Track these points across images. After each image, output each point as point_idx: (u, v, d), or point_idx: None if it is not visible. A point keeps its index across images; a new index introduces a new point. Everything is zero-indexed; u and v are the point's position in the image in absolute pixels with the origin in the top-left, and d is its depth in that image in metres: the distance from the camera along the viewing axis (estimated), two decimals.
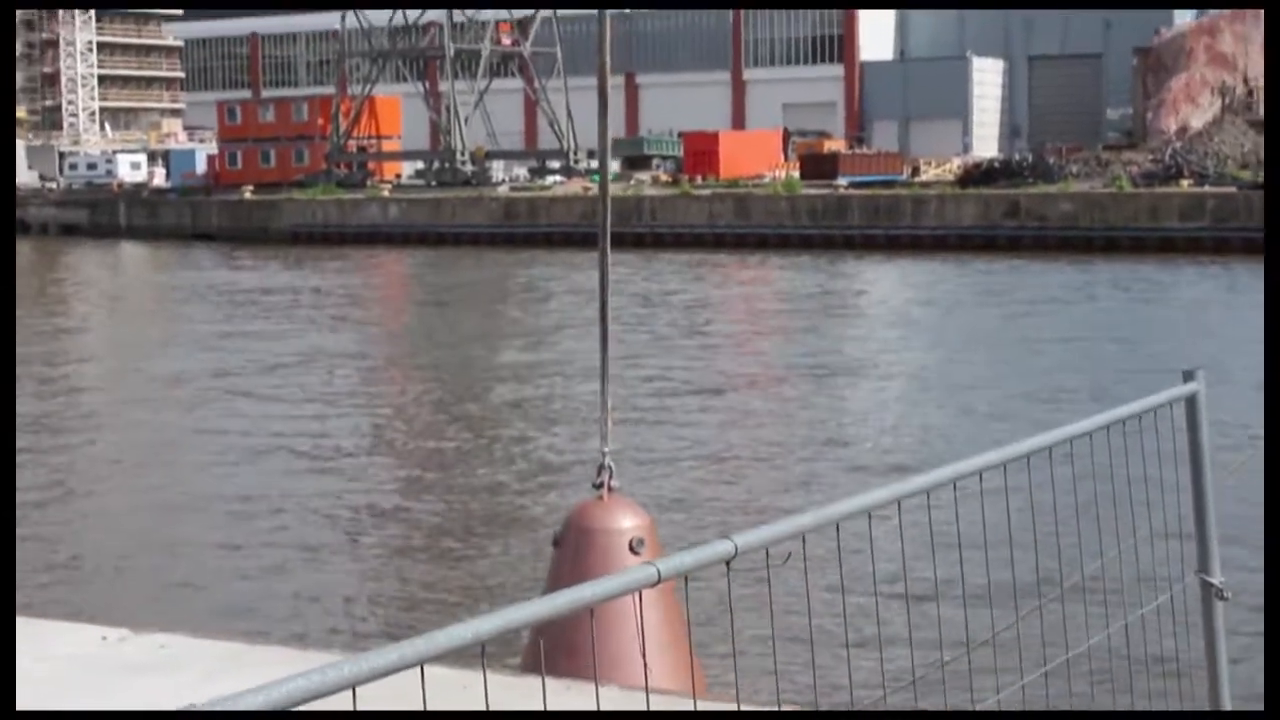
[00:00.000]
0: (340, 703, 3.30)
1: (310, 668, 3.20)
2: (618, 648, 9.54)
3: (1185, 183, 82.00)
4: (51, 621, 11.24)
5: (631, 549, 9.89)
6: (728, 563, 4.19)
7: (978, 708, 5.94)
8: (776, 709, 7.12)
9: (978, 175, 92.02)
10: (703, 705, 8.23)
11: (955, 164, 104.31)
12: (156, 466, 28.91)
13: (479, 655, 3.69)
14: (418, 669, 3.39)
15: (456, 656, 8.61)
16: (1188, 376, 6.73)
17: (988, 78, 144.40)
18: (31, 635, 10.46)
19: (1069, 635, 6.32)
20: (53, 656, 9.93)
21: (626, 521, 10.16)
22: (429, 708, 3.61)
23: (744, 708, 7.26)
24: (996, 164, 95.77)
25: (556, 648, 9.57)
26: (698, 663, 10.46)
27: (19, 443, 30.91)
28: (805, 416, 32.96)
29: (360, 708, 3.29)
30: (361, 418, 34.62)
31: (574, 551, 10.17)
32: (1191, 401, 6.73)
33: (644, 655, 8.75)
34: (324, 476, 27.49)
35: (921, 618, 14.01)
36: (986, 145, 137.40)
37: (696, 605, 9.23)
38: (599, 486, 10.45)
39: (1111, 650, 6.49)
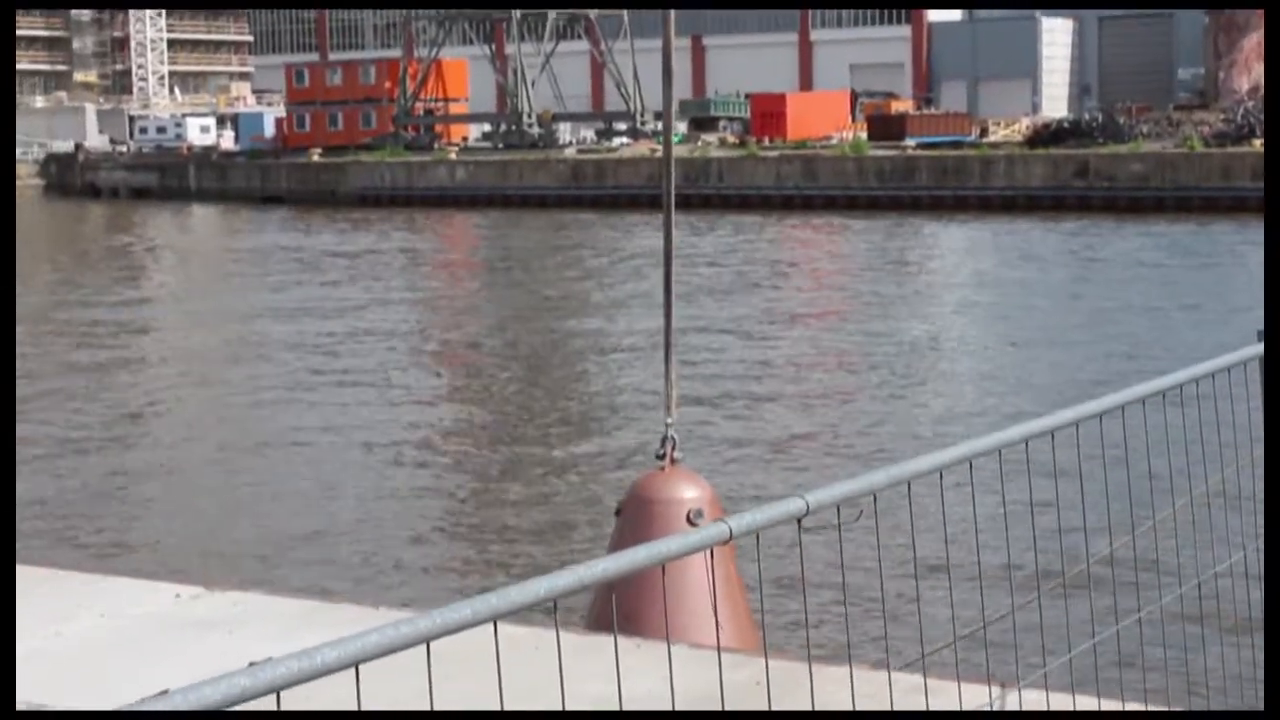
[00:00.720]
0: (415, 658, 3.31)
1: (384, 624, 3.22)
2: (682, 610, 9.57)
3: (1257, 142, 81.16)
4: (125, 579, 11.34)
5: (689, 520, 9.91)
6: (799, 520, 4.18)
7: (1047, 666, 5.91)
8: (849, 670, 7.11)
9: (1046, 135, 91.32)
10: (774, 665, 8.22)
11: (1024, 124, 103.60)
12: (234, 434, 29.11)
13: (549, 613, 3.71)
14: (490, 625, 3.40)
15: (526, 616, 8.62)
16: (1262, 336, 6.66)
17: (1057, 37, 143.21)
18: (105, 593, 10.57)
19: (1141, 596, 6.28)
20: (125, 614, 10.02)
21: (687, 492, 10.18)
22: (501, 665, 3.62)
23: (815, 667, 7.25)
24: (1066, 124, 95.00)
25: (620, 612, 9.62)
26: (753, 623, 10.47)
27: (97, 414, 31.21)
28: (876, 379, 32.86)
29: (434, 665, 3.30)
30: (430, 387, 34.76)
31: (634, 521, 10.22)
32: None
33: (715, 612, 8.77)
34: (391, 448, 27.62)
35: (991, 578, 13.96)
36: (1056, 105, 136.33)
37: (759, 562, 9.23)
38: (661, 457, 10.49)
39: (1184, 611, 6.45)
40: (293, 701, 3.04)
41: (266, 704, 2.97)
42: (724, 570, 10.06)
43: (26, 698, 8.60)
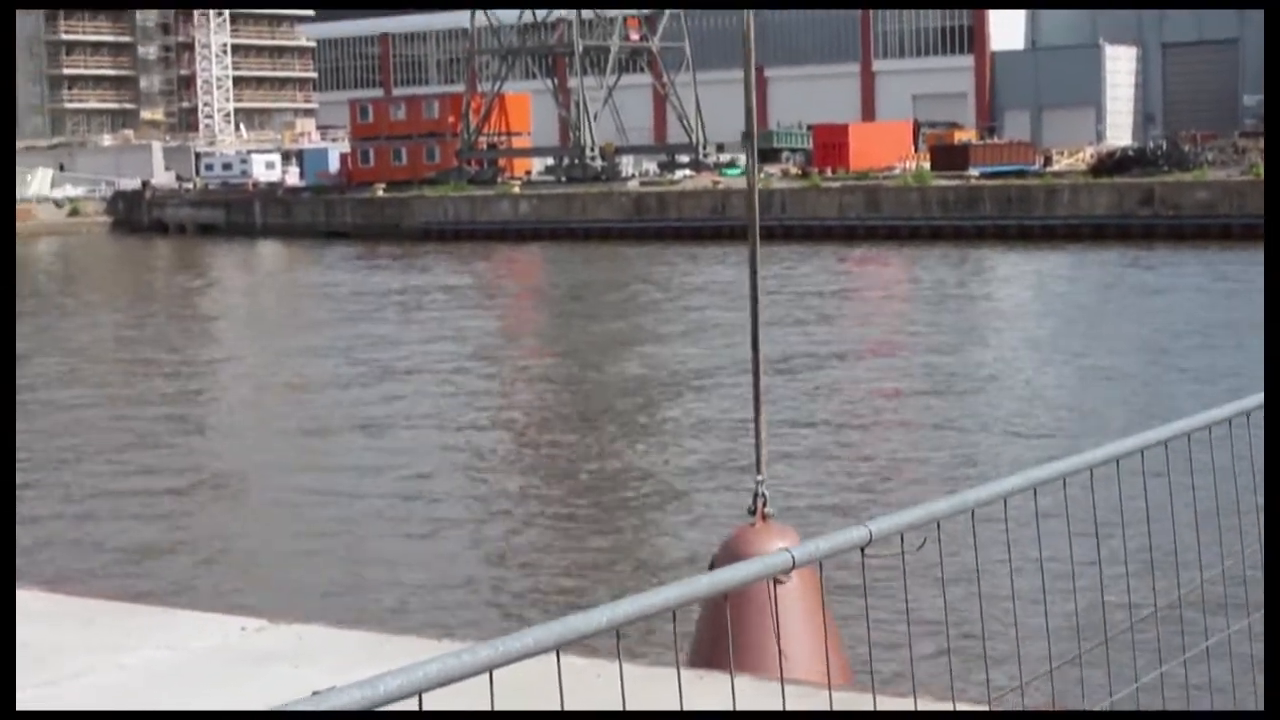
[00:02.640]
0: (477, 686, 3.31)
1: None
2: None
3: None
4: (189, 612, 11.38)
5: (774, 578, 9.92)
6: (863, 549, 4.16)
7: (1114, 700, 5.86)
8: (913, 707, 7.07)
9: (1111, 164, 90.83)
10: (838, 697, 8.18)
11: (1088, 153, 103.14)
12: (295, 468, 29.23)
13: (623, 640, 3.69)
14: (553, 655, 3.39)
15: (590, 648, 8.59)
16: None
17: (1121, 65, 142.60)
18: (169, 626, 10.60)
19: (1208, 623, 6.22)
20: (188, 647, 10.05)
21: (772, 546, 10.17)
22: (564, 694, 3.61)
23: (880, 704, 7.21)
24: (1130, 152, 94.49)
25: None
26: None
27: (165, 441, 31.40)
28: (941, 408, 32.72)
29: (497, 694, 3.30)
30: (503, 431, 34.80)
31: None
32: None
33: (779, 644, 8.74)
34: (465, 487, 27.66)
35: (1055, 608, 13.87)
36: (1120, 133, 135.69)
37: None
38: (753, 513, 10.59)
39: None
40: None
41: None
42: (813, 603, 10.06)
43: None
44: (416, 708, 3.15)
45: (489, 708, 3.27)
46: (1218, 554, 6.57)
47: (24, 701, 8.89)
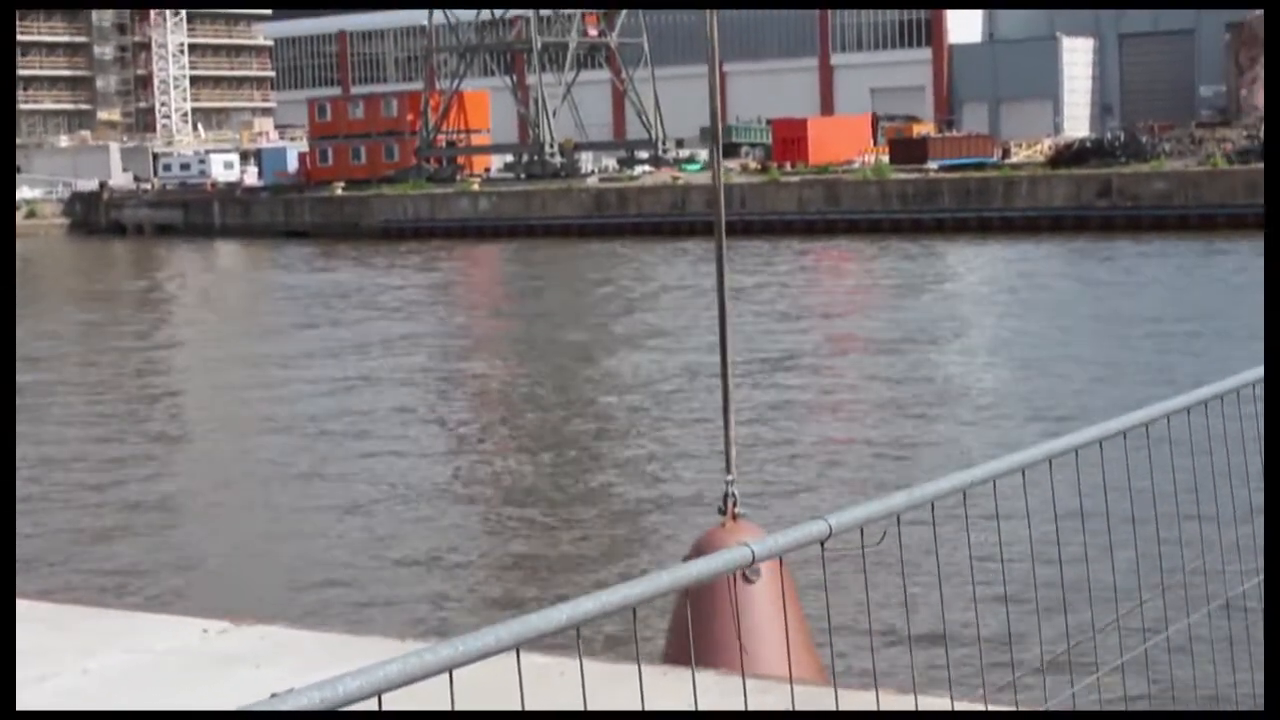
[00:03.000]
0: (437, 686, 3.31)
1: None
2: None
3: None
4: (152, 615, 11.36)
5: (744, 577, 9.99)
6: (823, 543, 4.17)
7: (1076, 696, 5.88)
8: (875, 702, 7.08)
9: (1069, 155, 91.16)
10: (800, 691, 8.19)
11: (1046, 145, 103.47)
12: (264, 470, 29.16)
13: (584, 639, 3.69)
14: (514, 653, 3.39)
15: (554, 645, 8.60)
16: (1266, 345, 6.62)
17: (1078, 57, 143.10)
18: (131, 629, 10.58)
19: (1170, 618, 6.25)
20: (152, 650, 10.02)
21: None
22: (524, 693, 3.61)
23: (841, 699, 7.24)
24: (1088, 144, 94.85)
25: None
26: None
27: (128, 446, 31.29)
28: (902, 398, 32.82)
29: (457, 693, 3.30)
30: (467, 433, 34.77)
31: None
32: None
33: (739, 639, 8.76)
34: (427, 491, 27.62)
35: (1017, 603, 13.91)
36: (1078, 125, 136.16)
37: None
38: (723, 513, 10.64)
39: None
40: None
41: None
42: (782, 599, 10.10)
43: None
44: (376, 708, 3.14)
45: (449, 707, 3.27)
46: (1183, 548, 6.61)
47: None
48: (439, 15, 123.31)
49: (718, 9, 11.69)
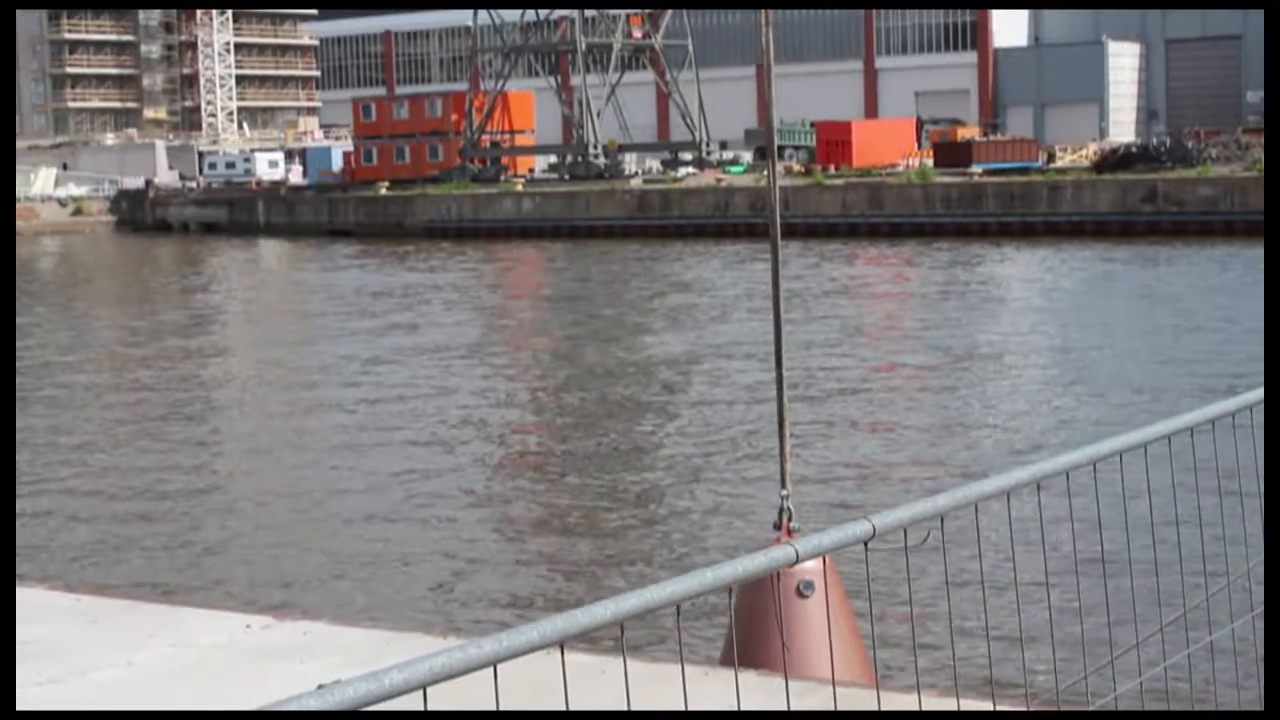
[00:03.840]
0: (481, 682, 3.32)
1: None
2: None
3: None
4: (196, 610, 11.41)
5: (798, 591, 10.01)
6: (866, 543, 4.18)
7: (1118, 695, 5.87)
8: (916, 701, 7.08)
9: (1114, 160, 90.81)
10: (842, 693, 8.19)
11: (1091, 149, 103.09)
12: (298, 463, 29.25)
13: (619, 641, 3.70)
14: (558, 651, 3.40)
15: (595, 644, 8.59)
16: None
17: (1124, 61, 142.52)
18: (175, 623, 10.63)
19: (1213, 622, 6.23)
20: (196, 644, 10.07)
21: (804, 564, 10.20)
22: (568, 692, 3.63)
23: (884, 701, 7.23)
24: (1134, 149, 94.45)
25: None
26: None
27: (171, 438, 31.43)
28: (946, 403, 32.73)
29: (503, 691, 3.31)
30: (513, 432, 34.80)
31: (753, 590, 10.35)
32: None
33: (782, 638, 8.75)
34: (474, 487, 27.66)
35: (1062, 601, 13.86)
36: (1123, 130, 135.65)
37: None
38: (778, 528, 10.64)
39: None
40: None
41: None
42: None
43: None
44: (421, 703, 3.16)
45: (494, 703, 3.29)
46: (1220, 550, 6.59)
47: (29, 699, 8.91)
48: (484, 16, 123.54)
49: (764, 8, 11.68)
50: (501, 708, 3.37)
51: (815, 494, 24.26)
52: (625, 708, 3.83)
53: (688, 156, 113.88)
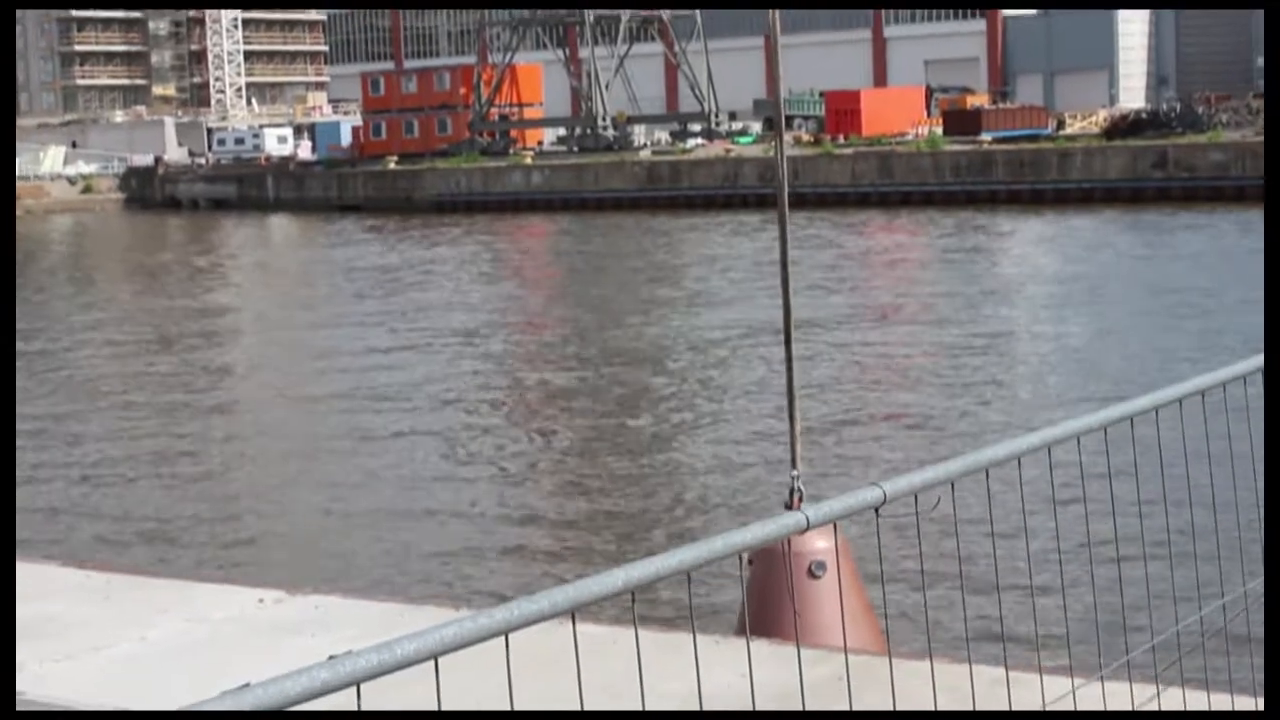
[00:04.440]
0: (491, 652, 3.31)
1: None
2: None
3: None
4: (209, 585, 11.43)
5: (810, 572, 10.01)
6: (876, 509, 4.17)
7: (1132, 655, 5.86)
8: (929, 662, 7.08)
9: (1124, 127, 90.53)
10: (854, 660, 8.19)
11: (1101, 116, 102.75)
12: (315, 436, 29.28)
13: (628, 611, 3.69)
14: (569, 621, 3.40)
15: (604, 616, 8.58)
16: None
17: (1134, 28, 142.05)
18: (187, 599, 10.65)
19: (1225, 582, 6.21)
20: (209, 619, 10.09)
21: (816, 543, 10.20)
22: (580, 660, 3.62)
23: (895, 662, 7.22)
24: (1144, 115, 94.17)
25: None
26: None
27: (183, 414, 31.47)
28: (959, 366, 32.71)
29: (514, 660, 3.30)
30: (525, 405, 34.82)
31: (764, 571, 10.37)
32: None
33: (794, 606, 8.75)
34: (485, 460, 27.69)
35: (1077, 567, 13.86)
36: (1133, 96, 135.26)
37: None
38: (789, 507, 10.62)
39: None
40: (372, 695, 3.05)
41: (347, 697, 2.98)
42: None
43: (114, 703, 8.67)
44: (434, 671, 3.16)
45: (505, 673, 3.28)
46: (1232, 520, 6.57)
47: (44, 676, 8.92)
48: None
49: (773, 9, 11.63)
50: (512, 678, 3.37)
51: (826, 458, 24.28)
52: (638, 678, 3.83)
53: (696, 128, 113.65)
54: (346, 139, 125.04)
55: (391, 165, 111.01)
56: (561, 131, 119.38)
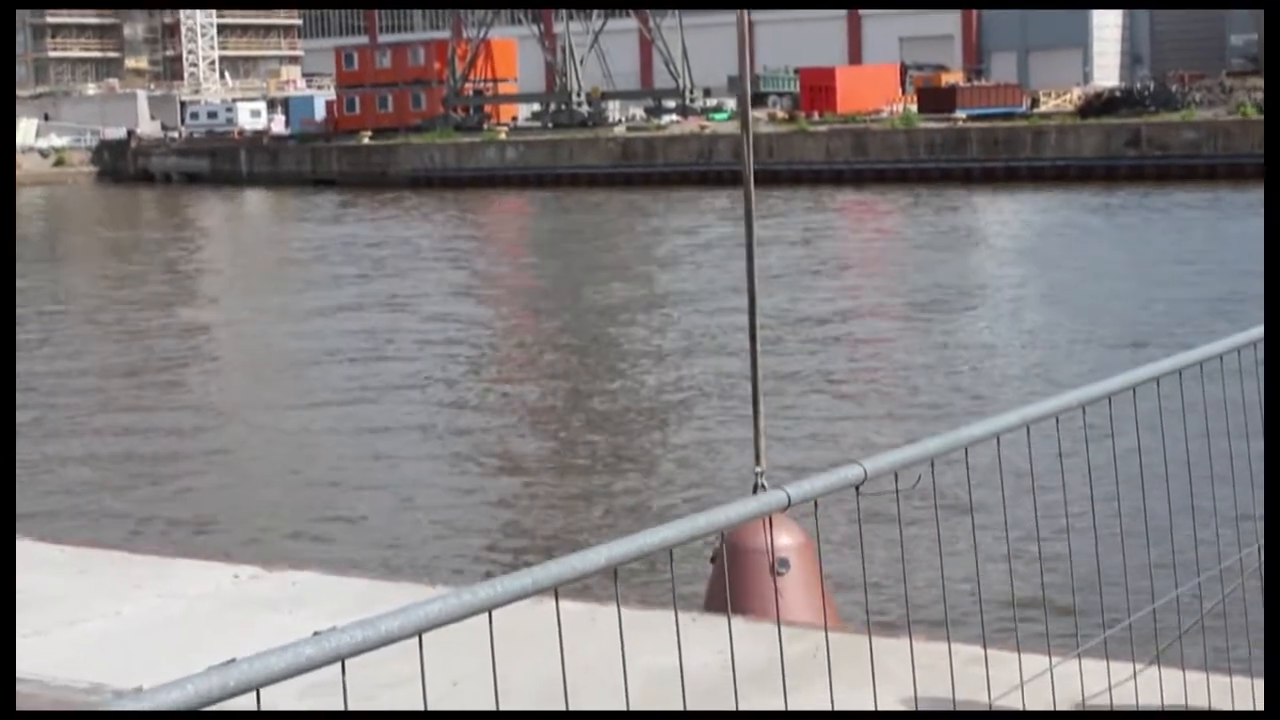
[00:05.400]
0: (472, 631, 3.31)
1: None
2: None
3: None
4: (184, 560, 11.41)
5: (773, 570, 9.99)
6: (857, 488, 4.17)
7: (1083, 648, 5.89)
8: (910, 640, 7.09)
9: (1098, 105, 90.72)
10: (834, 639, 8.21)
11: (1075, 94, 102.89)
12: (289, 414, 29.26)
13: (606, 588, 3.69)
14: (551, 597, 3.40)
15: (583, 592, 8.60)
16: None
17: (1108, 6, 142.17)
18: (162, 574, 10.64)
19: (1201, 564, 6.24)
20: (184, 595, 10.08)
21: (775, 541, 10.18)
22: (562, 637, 3.63)
23: (875, 640, 7.24)
24: (1117, 93, 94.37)
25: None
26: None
27: (153, 402, 31.41)
28: (930, 345, 32.78)
29: (496, 637, 3.31)
30: (498, 384, 34.83)
31: (726, 569, 10.35)
32: None
33: (774, 580, 8.77)
34: (459, 440, 27.70)
35: (1049, 549, 13.91)
36: (1107, 75, 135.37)
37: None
38: None
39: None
40: (356, 672, 3.04)
41: (331, 673, 2.98)
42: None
43: (87, 678, 8.66)
44: (417, 648, 3.16)
45: (488, 651, 3.28)
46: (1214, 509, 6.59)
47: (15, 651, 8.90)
48: None
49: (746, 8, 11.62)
50: (495, 655, 3.37)
51: (803, 441, 24.32)
52: (619, 654, 3.84)
53: (671, 104, 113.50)
54: (320, 113, 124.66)
55: (366, 140, 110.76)
56: (536, 107, 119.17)
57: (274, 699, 3.01)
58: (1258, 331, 6.00)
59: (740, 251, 12.51)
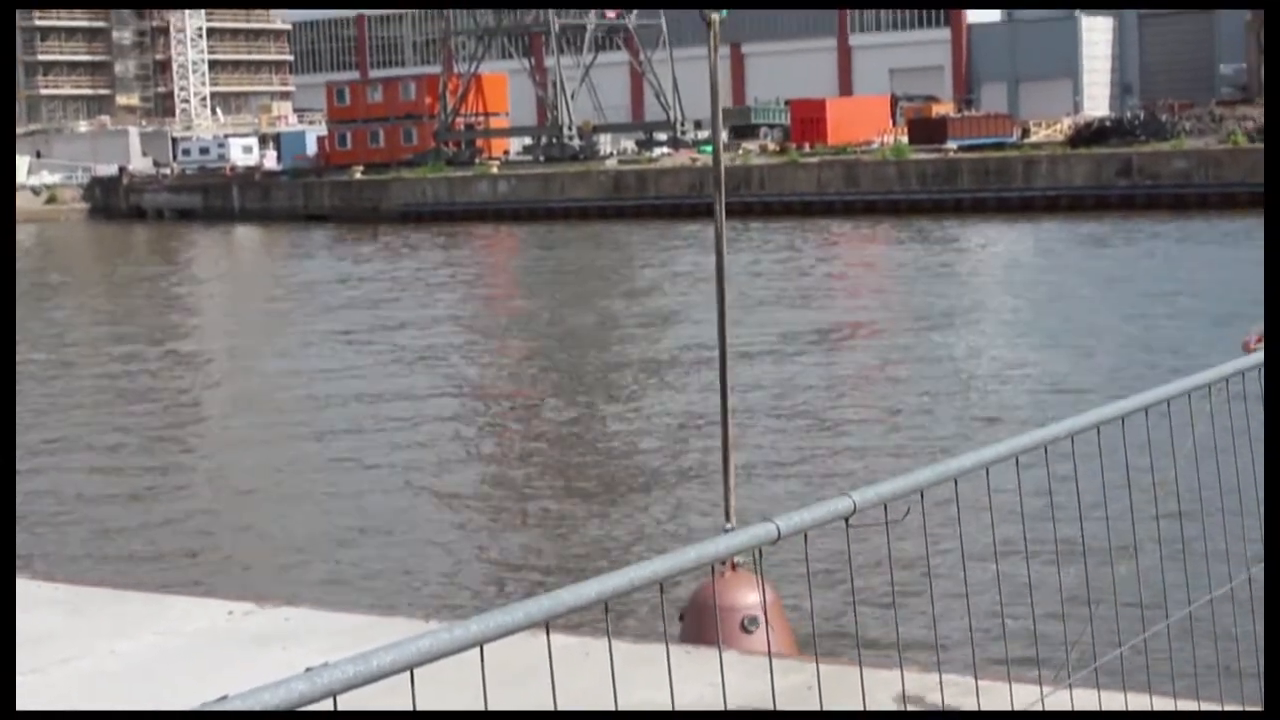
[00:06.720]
0: (464, 665, 3.34)
1: None
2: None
3: None
4: (178, 597, 11.41)
5: (743, 628, 9.99)
6: (846, 520, 4.19)
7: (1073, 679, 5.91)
8: (900, 678, 7.12)
9: (1089, 135, 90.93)
10: (825, 670, 8.24)
11: (1066, 124, 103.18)
12: (283, 452, 29.24)
13: (602, 622, 3.71)
14: (543, 632, 3.42)
15: (576, 627, 8.61)
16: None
17: (1098, 36, 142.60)
18: (157, 612, 10.63)
19: (1191, 591, 6.26)
20: (180, 632, 10.08)
21: (746, 598, 10.19)
22: (554, 671, 3.65)
23: (866, 672, 7.26)
24: (1108, 123, 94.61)
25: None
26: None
27: (151, 428, 31.38)
28: (921, 375, 32.79)
29: (488, 672, 3.33)
30: (487, 421, 34.82)
31: (695, 626, 10.35)
32: None
33: (764, 614, 8.79)
34: (447, 477, 27.69)
35: (1039, 578, 13.91)
36: (1097, 104, 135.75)
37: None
38: (723, 562, 10.58)
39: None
40: (349, 708, 3.07)
41: (324, 708, 3.00)
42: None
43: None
44: (409, 682, 3.18)
45: (479, 684, 3.30)
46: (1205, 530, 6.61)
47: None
48: None
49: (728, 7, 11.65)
50: (487, 689, 3.39)
51: (787, 473, 24.33)
52: (611, 688, 3.85)
53: (662, 136, 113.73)
54: (312, 149, 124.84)
55: (357, 175, 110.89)
56: (527, 141, 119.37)
57: None
58: (1247, 360, 6.04)
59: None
